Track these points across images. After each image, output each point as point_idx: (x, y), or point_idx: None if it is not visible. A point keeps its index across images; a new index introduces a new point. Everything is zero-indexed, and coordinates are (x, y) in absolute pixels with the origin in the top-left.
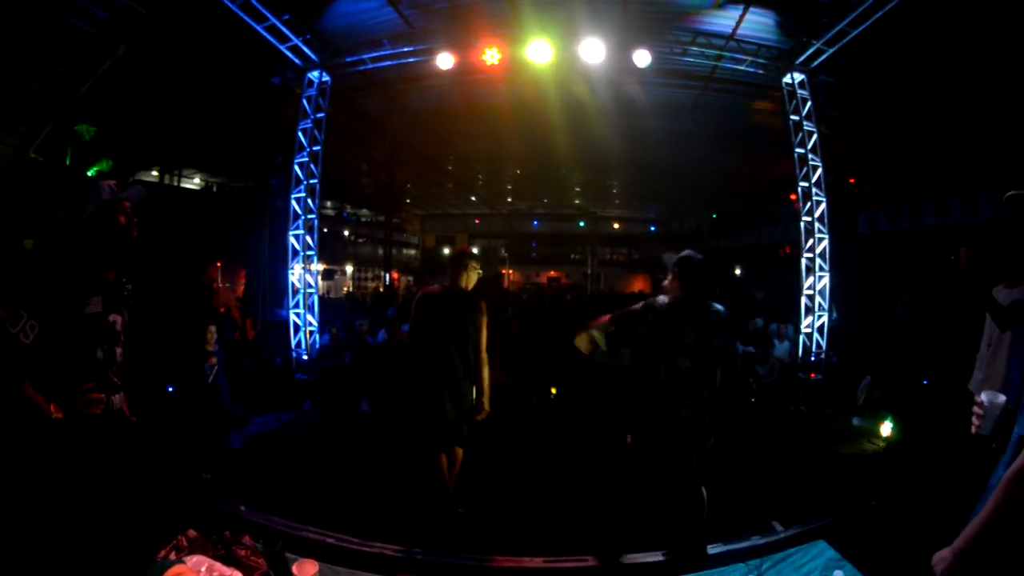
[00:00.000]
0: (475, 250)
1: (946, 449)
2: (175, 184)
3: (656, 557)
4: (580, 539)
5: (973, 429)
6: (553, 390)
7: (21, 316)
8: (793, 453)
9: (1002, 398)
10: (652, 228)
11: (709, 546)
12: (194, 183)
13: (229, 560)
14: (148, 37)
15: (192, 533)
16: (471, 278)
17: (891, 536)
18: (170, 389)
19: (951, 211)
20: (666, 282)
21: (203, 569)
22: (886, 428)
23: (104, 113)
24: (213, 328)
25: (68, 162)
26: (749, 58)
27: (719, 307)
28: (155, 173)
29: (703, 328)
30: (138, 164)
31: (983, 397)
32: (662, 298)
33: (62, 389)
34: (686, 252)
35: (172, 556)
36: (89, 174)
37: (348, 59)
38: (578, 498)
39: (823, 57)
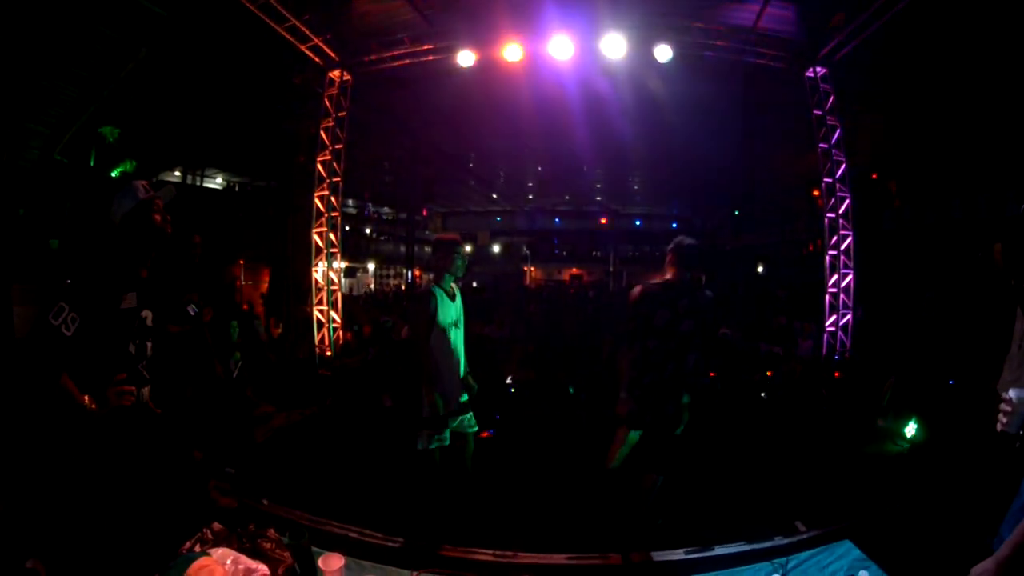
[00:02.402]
0: (496, 248)
1: (972, 450)
2: (198, 184)
3: (678, 555)
4: (602, 535)
5: (999, 427)
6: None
7: (63, 309)
8: (817, 453)
9: None
10: (674, 225)
11: (733, 544)
12: (216, 183)
13: (254, 553)
14: (169, 39)
15: (217, 526)
16: (457, 265)
17: (917, 537)
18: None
19: (978, 206)
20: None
21: (228, 562)
22: (911, 429)
23: (127, 115)
24: (235, 324)
25: (92, 163)
26: (770, 52)
27: (704, 293)
28: (177, 173)
29: (675, 311)
30: (161, 165)
31: (1011, 394)
32: (636, 288)
33: (95, 381)
34: (679, 237)
35: (197, 548)
36: (113, 175)
37: (369, 58)
38: (597, 494)
39: (846, 50)
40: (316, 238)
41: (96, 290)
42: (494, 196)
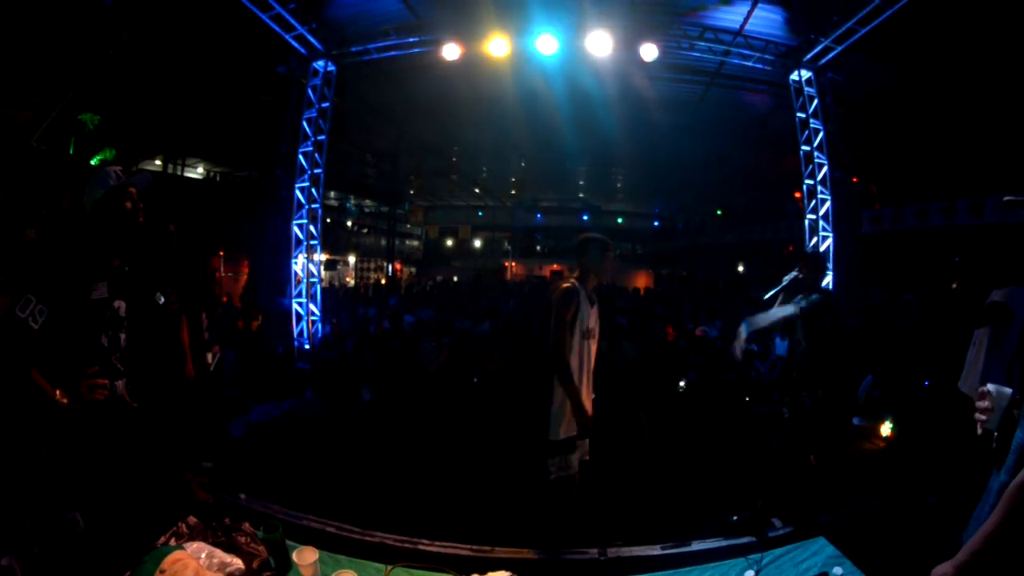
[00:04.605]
0: (478, 242)
1: (946, 450)
2: (178, 173)
3: (655, 551)
4: (583, 532)
5: (979, 428)
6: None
7: (30, 301)
8: (793, 451)
9: (1009, 391)
10: (656, 223)
11: (709, 540)
12: (197, 172)
13: (229, 547)
14: (152, 26)
15: (192, 520)
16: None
17: (890, 534)
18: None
19: (957, 213)
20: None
21: (203, 555)
22: (886, 428)
23: (108, 102)
24: (204, 315)
25: (71, 151)
26: (756, 54)
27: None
28: (158, 162)
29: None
30: (141, 153)
31: (990, 388)
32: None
33: (67, 374)
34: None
35: (172, 542)
36: (92, 163)
37: (353, 49)
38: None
39: (831, 55)
40: (296, 230)
41: (64, 280)
42: (476, 190)
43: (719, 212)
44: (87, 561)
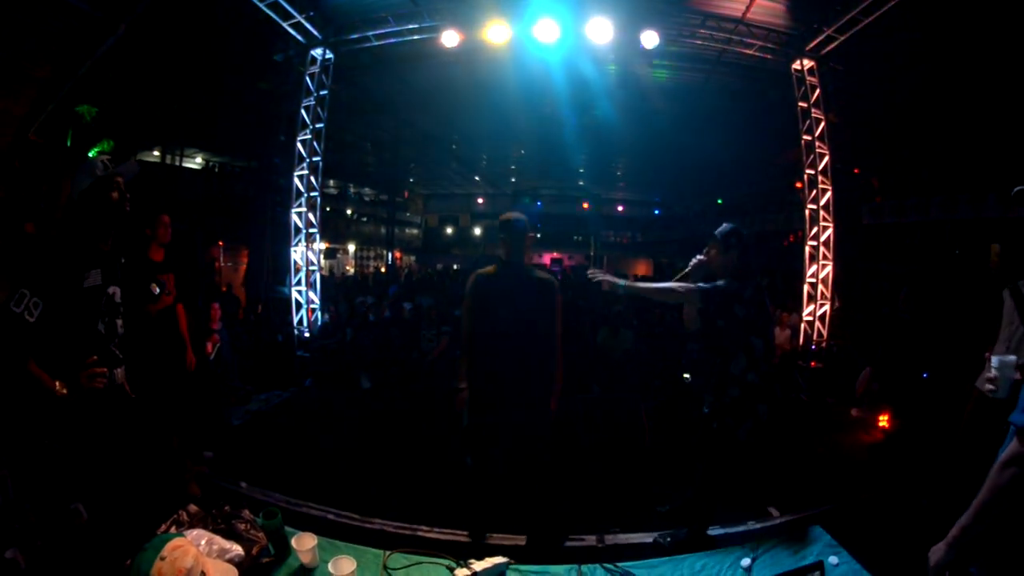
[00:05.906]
0: (478, 231)
1: (943, 443)
2: (177, 164)
3: (651, 538)
4: (581, 521)
5: (986, 389)
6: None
7: (24, 295)
8: (791, 441)
9: (1012, 358)
10: (656, 211)
11: (707, 529)
12: (196, 163)
13: (229, 534)
14: (149, 15)
15: (193, 508)
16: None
17: (886, 524)
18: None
19: (958, 206)
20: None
21: (203, 543)
22: (884, 419)
23: (105, 93)
24: (217, 306)
25: (69, 144)
26: (758, 43)
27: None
28: (156, 153)
29: None
30: (139, 144)
31: (992, 360)
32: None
33: (65, 365)
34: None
35: (173, 530)
36: (90, 155)
37: (351, 36)
38: (574, 481)
39: (833, 44)
40: (295, 218)
41: (56, 270)
42: (476, 179)
43: (719, 201)
44: (89, 551)
